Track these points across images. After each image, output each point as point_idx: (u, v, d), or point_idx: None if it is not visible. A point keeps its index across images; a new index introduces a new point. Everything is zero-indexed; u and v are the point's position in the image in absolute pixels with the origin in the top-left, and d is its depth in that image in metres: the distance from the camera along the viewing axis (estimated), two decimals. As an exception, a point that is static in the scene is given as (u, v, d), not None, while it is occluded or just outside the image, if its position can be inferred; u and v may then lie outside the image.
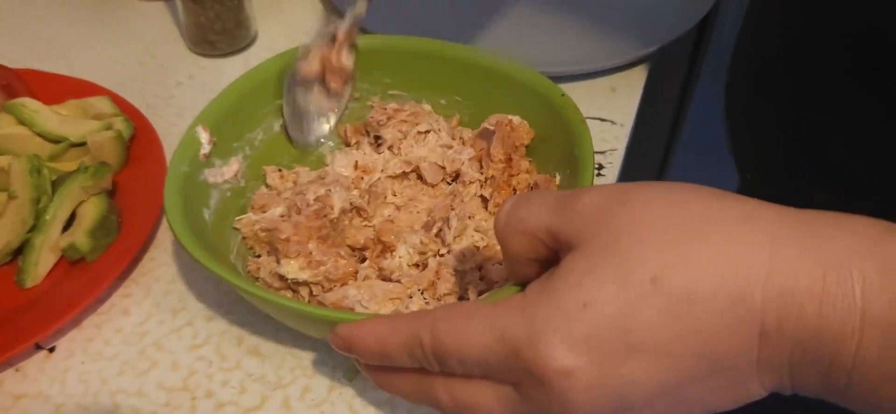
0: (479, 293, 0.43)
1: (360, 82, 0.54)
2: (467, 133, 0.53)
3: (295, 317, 0.41)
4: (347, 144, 0.54)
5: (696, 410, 0.29)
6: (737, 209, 0.28)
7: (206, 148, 0.48)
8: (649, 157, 1.28)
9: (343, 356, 0.45)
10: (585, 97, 0.63)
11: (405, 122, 0.53)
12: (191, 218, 0.44)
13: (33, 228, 0.49)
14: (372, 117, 0.54)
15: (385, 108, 0.53)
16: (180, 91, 0.65)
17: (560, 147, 0.48)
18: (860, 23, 0.49)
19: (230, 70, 0.67)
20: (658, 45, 0.66)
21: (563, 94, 0.49)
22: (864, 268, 0.26)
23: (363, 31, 0.66)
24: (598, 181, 0.56)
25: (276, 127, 0.53)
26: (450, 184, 0.51)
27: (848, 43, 0.50)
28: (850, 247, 0.26)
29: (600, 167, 0.58)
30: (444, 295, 0.44)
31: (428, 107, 0.54)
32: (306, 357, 0.46)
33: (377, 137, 0.54)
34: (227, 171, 0.49)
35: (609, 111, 0.62)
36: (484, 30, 0.70)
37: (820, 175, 0.54)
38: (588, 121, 0.61)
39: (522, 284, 0.36)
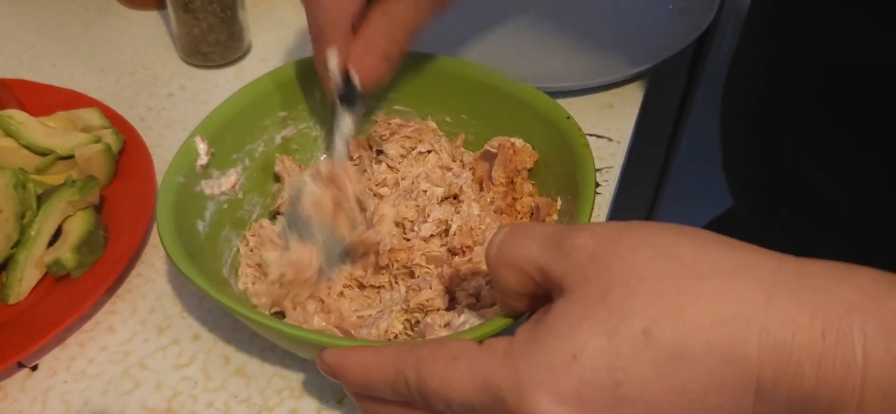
0: (468, 306, 0.43)
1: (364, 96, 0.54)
2: (469, 156, 0.52)
3: (285, 339, 0.40)
4: (350, 158, 0.53)
5: None
6: (732, 259, 0.27)
7: (203, 159, 0.47)
8: (646, 175, 1.28)
9: (331, 381, 0.44)
10: (582, 113, 0.63)
11: (408, 138, 0.52)
12: (183, 230, 0.43)
13: (17, 244, 0.48)
14: (375, 131, 0.53)
15: (389, 124, 0.53)
16: (172, 102, 0.64)
17: (563, 170, 0.48)
18: (831, 58, 0.49)
19: (223, 82, 0.66)
20: (655, 62, 0.65)
21: (568, 117, 0.48)
22: (866, 325, 0.24)
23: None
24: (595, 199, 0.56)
25: (278, 139, 0.52)
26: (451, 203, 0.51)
27: (822, 75, 0.50)
28: (851, 302, 0.25)
29: (597, 185, 0.57)
30: (429, 305, 0.43)
31: (433, 124, 0.54)
32: (294, 378, 0.45)
33: (379, 151, 0.53)
34: (224, 182, 0.49)
35: (605, 128, 0.62)
36: (481, 44, 0.69)
37: (807, 204, 0.54)
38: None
39: (513, 316, 0.35)
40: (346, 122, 0.49)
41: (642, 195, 1.33)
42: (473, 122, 0.53)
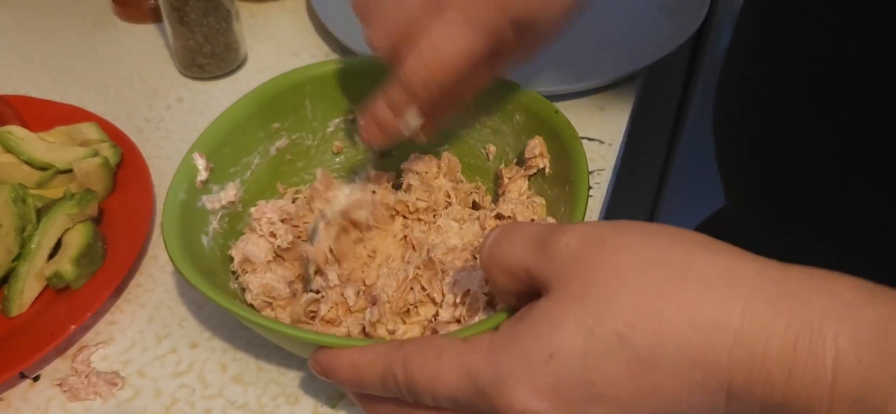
0: (456, 304, 0.43)
1: (353, 102, 0.54)
2: (489, 218, 0.50)
3: (300, 346, 0.41)
4: (368, 180, 0.54)
5: None
6: (715, 265, 0.28)
7: (203, 175, 0.48)
8: (647, 174, 1.28)
9: (327, 382, 0.45)
10: (573, 117, 0.63)
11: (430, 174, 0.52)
12: (190, 246, 0.44)
13: (18, 257, 0.49)
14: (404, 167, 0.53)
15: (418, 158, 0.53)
16: (169, 114, 0.65)
17: (556, 168, 0.49)
18: (820, 50, 0.49)
19: (219, 93, 0.67)
20: (646, 63, 0.65)
21: (556, 112, 0.49)
22: (839, 336, 0.25)
23: (356, 54, 0.66)
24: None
25: (272, 150, 0.53)
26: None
27: (809, 69, 0.50)
28: (827, 311, 0.25)
29: (588, 188, 0.57)
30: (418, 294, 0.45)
31: (455, 161, 0.54)
32: (289, 384, 0.46)
33: (398, 174, 0.54)
34: (224, 196, 0.49)
35: (597, 131, 0.62)
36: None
37: (795, 203, 0.54)
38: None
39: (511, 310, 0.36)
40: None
41: (643, 195, 1.33)
42: (464, 119, 0.54)
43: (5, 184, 0.50)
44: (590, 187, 0.57)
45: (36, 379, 0.46)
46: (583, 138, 0.61)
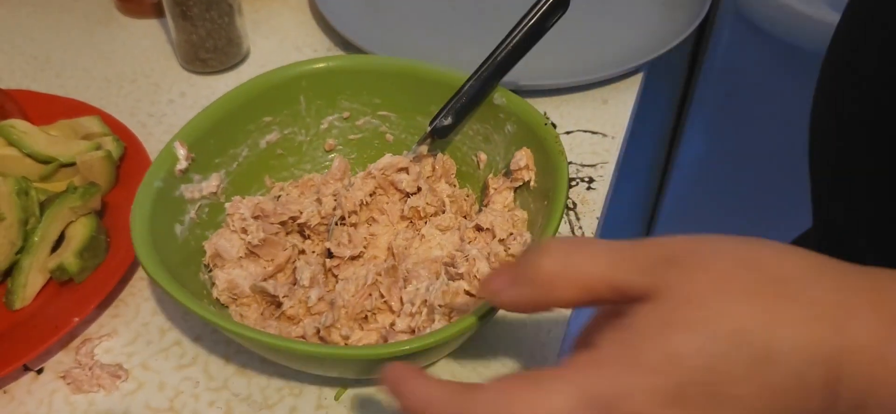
0: (413, 314, 0.43)
1: (349, 101, 0.54)
2: (468, 229, 0.49)
3: (260, 347, 0.41)
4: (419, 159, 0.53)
5: None
6: (809, 266, 0.28)
7: (182, 163, 0.48)
8: (649, 167, 1.28)
9: (330, 378, 0.45)
10: (577, 110, 0.63)
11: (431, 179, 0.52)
12: (159, 235, 0.44)
13: (22, 250, 0.49)
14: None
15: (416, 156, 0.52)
16: (172, 108, 0.65)
17: (541, 179, 0.48)
18: None
19: (222, 87, 0.67)
20: (648, 58, 0.65)
21: (545, 123, 0.48)
22: None
23: (358, 50, 0.66)
24: (589, 195, 0.56)
25: (263, 143, 0.53)
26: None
27: None
28: None
29: (591, 180, 0.57)
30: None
31: (451, 164, 0.53)
32: (293, 377, 0.46)
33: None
34: (206, 186, 0.49)
35: (600, 123, 0.62)
36: (474, 44, 0.69)
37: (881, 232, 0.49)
38: (579, 134, 0.61)
39: (482, 316, 0.36)
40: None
41: (645, 190, 1.33)
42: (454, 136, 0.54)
43: (9, 177, 0.50)
44: (592, 181, 0.57)
45: (39, 372, 0.46)
46: (587, 131, 0.61)
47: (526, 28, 0.50)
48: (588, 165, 0.59)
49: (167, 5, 0.65)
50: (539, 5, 0.50)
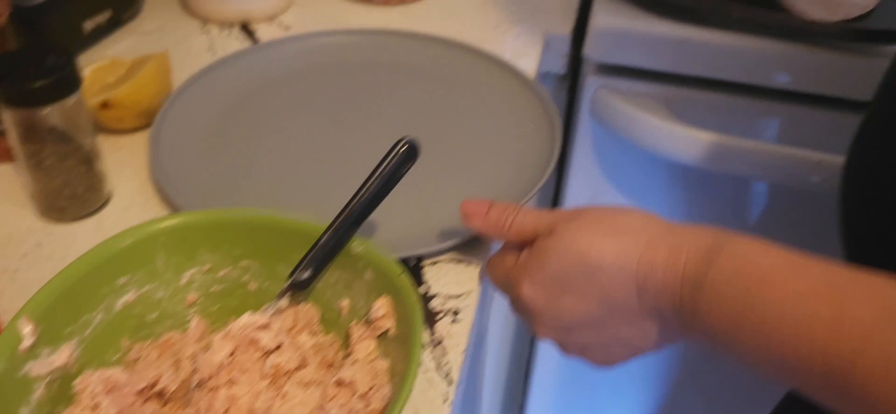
0: None
1: (209, 253, 0.54)
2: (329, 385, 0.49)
3: None
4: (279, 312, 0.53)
5: (619, 338, 0.48)
6: (648, 220, 0.47)
7: (28, 341, 0.46)
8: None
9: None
10: (435, 275, 0.64)
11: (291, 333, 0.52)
12: None
13: None
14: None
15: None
16: (26, 263, 0.63)
17: (402, 326, 0.49)
18: None
19: (82, 234, 0.65)
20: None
21: (400, 274, 0.50)
22: (690, 253, 0.44)
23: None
24: (454, 328, 0.57)
25: (118, 305, 0.52)
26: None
27: None
28: (691, 243, 0.44)
29: (456, 312, 0.59)
30: None
31: (314, 313, 0.54)
32: None
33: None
34: (55, 359, 0.47)
35: (466, 249, 0.63)
36: (330, 196, 0.70)
37: None
38: (443, 264, 0.63)
39: None
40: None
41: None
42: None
43: None
44: (457, 312, 0.59)
45: None
46: (452, 261, 0.63)
47: (380, 177, 0.51)
48: (453, 296, 0.60)
49: (21, 155, 0.63)
50: (392, 155, 0.52)
